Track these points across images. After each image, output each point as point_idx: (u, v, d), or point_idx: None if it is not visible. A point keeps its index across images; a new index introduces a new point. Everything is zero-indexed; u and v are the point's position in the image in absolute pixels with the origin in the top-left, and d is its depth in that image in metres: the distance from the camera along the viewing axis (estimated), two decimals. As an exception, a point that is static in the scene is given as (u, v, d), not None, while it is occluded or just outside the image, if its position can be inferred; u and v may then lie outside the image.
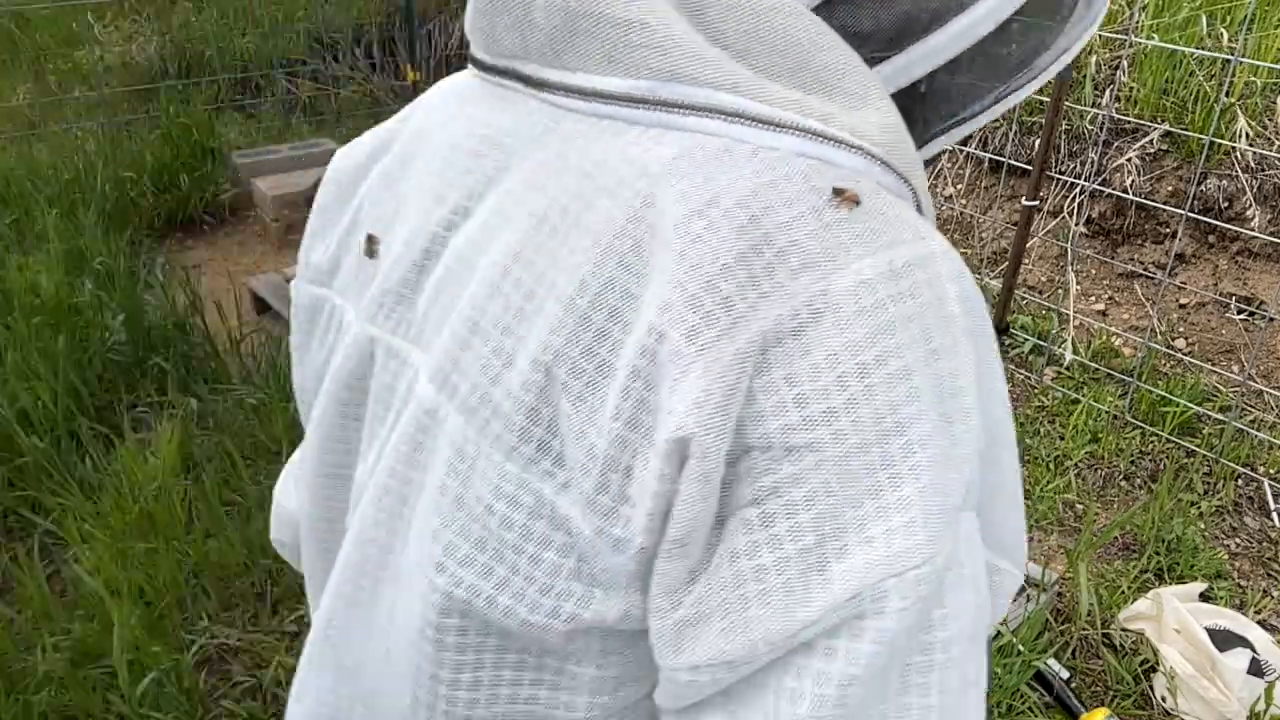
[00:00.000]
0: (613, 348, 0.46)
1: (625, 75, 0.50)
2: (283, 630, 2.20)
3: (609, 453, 0.46)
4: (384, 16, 6.02)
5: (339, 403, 0.63)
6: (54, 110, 5.44)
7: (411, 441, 0.54)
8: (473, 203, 0.55)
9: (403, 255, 0.58)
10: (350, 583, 0.59)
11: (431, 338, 0.54)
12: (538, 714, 0.54)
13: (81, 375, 2.87)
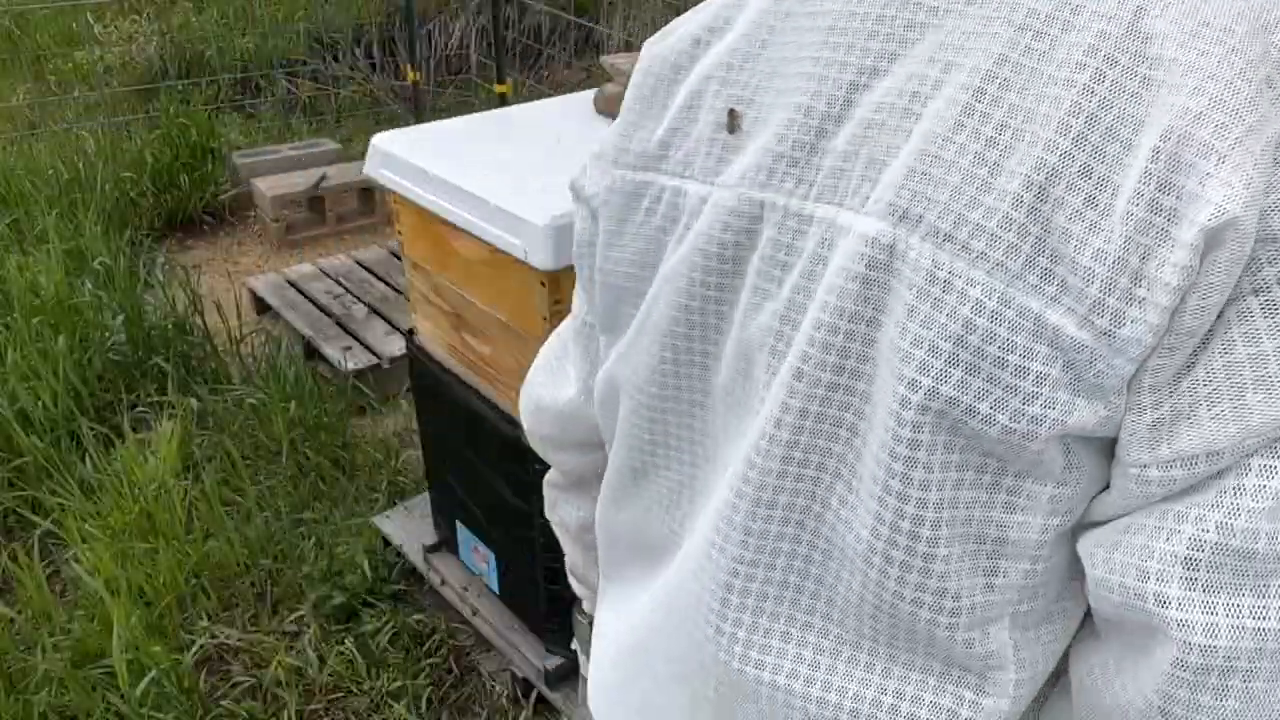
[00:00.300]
0: (1115, 161, 0.50)
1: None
2: (283, 630, 2.20)
3: (1118, 257, 0.49)
4: (384, 16, 6.02)
5: (696, 280, 0.65)
6: (54, 110, 5.44)
7: (860, 280, 0.56)
8: (885, 62, 0.58)
9: (792, 120, 0.60)
10: (794, 426, 0.60)
11: (858, 187, 0.57)
12: (990, 536, 0.56)
13: (81, 375, 2.88)
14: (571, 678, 1.92)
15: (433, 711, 2.02)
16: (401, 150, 1.73)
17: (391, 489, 2.63)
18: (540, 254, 1.45)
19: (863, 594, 0.61)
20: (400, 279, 3.66)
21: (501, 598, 2.06)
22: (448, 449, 2.02)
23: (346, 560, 2.25)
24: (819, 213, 0.59)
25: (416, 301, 1.96)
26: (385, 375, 3.11)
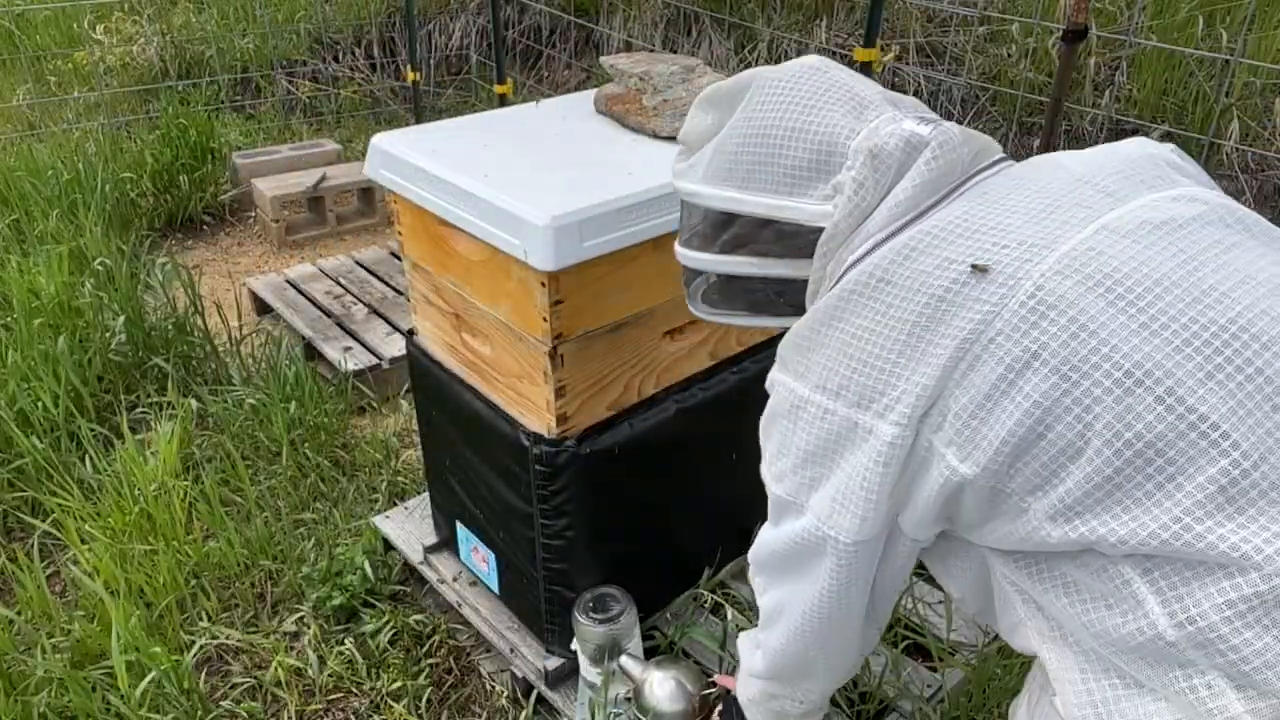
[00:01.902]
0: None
1: None
2: (283, 631, 2.20)
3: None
4: (384, 17, 6.02)
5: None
6: (54, 111, 5.44)
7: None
8: None
9: None
10: None
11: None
12: None
13: (81, 376, 2.87)
14: (571, 678, 1.92)
15: (433, 712, 2.02)
16: (401, 150, 1.73)
17: (391, 489, 2.63)
18: (540, 254, 1.45)
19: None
20: (400, 279, 3.66)
21: (501, 598, 2.06)
22: (448, 449, 2.02)
23: (346, 561, 2.25)
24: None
25: (416, 302, 1.96)
26: (385, 375, 3.11)
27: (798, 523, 1.13)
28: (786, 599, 1.20)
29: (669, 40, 4.98)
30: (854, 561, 1.08)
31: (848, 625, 1.16)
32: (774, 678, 1.31)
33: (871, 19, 2.99)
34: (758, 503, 2.23)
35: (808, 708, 1.33)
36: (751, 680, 1.36)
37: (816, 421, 1.05)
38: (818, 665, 1.24)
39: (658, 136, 1.78)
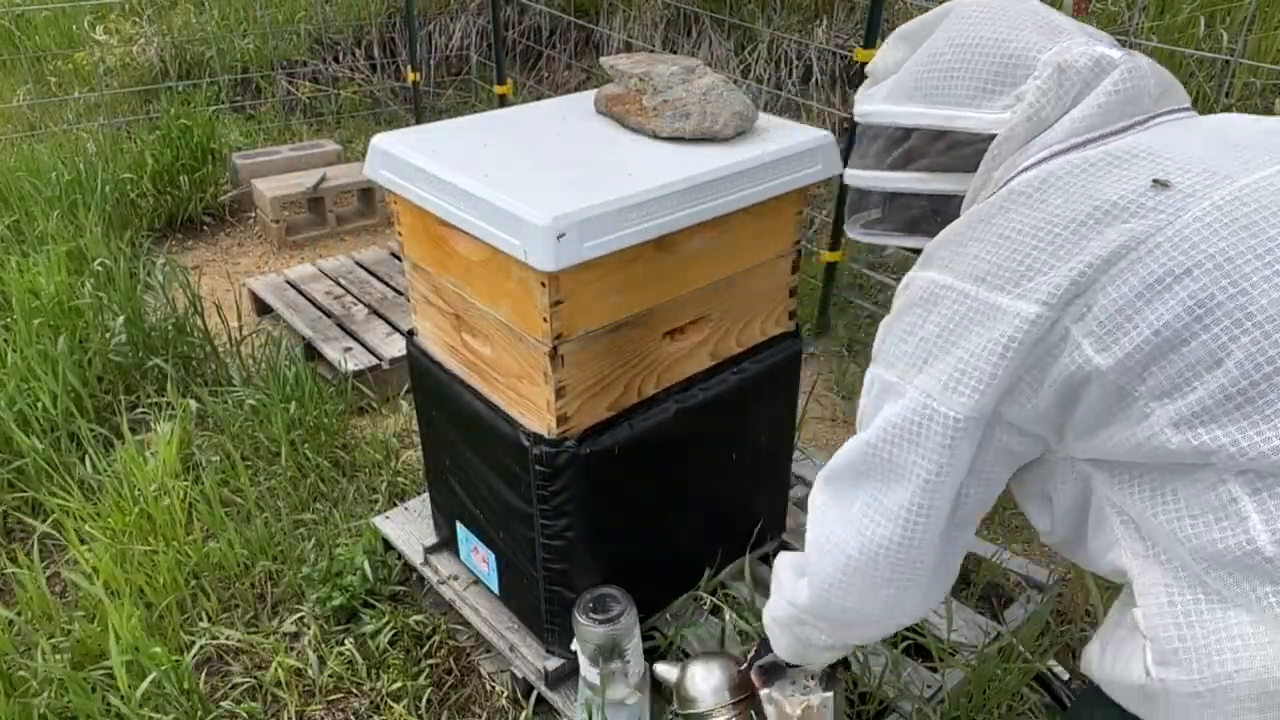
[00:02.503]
0: None
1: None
2: (283, 631, 2.20)
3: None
4: (384, 17, 6.02)
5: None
6: (54, 111, 5.44)
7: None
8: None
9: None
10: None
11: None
12: None
13: (81, 376, 2.87)
14: (571, 678, 1.92)
15: (433, 712, 2.02)
16: (401, 151, 1.73)
17: (391, 489, 2.63)
18: (540, 254, 1.45)
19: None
20: (400, 279, 3.66)
21: (501, 598, 2.06)
22: (448, 449, 2.02)
23: (346, 561, 2.25)
24: None
25: (416, 302, 1.96)
26: (385, 376, 3.11)
27: (899, 404, 1.09)
28: (857, 516, 1.15)
29: (669, 41, 4.98)
30: (953, 446, 1.06)
31: (922, 550, 1.12)
32: (817, 615, 1.27)
33: (871, 19, 2.99)
34: (758, 503, 2.24)
35: (834, 647, 1.31)
36: (784, 604, 1.34)
37: (952, 306, 1.06)
38: (873, 605, 1.18)
39: (658, 137, 1.78)
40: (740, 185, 1.66)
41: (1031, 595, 2.15)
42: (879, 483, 1.13)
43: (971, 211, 1.10)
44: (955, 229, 1.11)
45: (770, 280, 1.91)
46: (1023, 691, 1.86)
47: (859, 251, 3.97)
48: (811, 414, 3.08)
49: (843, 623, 1.25)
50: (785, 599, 1.33)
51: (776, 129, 1.83)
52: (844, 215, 1.31)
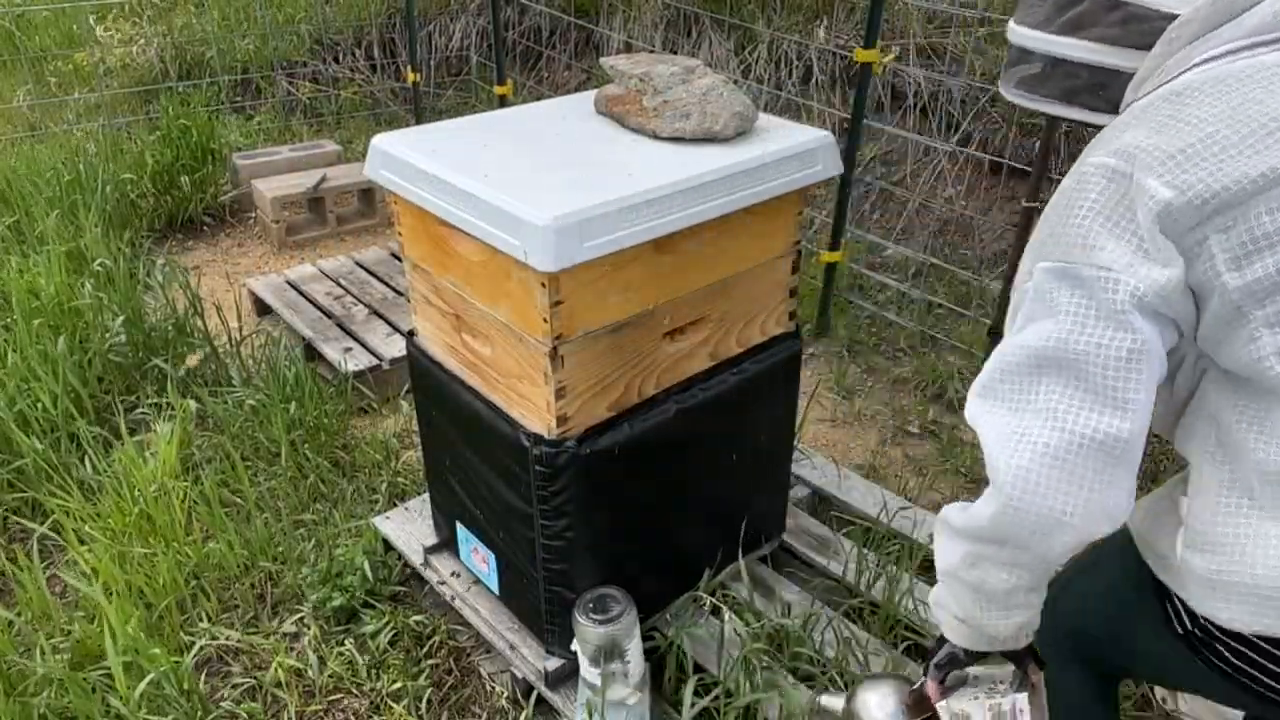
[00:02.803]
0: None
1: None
2: (283, 631, 2.20)
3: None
4: (384, 18, 6.02)
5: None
6: (55, 112, 5.44)
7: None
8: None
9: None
10: None
11: None
12: None
13: (81, 377, 2.87)
14: (571, 678, 1.92)
15: (433, 712, 2.02)
16: (401, 151, 1.73)
17: (391, 490, 2.63)
18: (540, 254, 1.45)
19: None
20: (400, 280, 3.66)
21: (501, 598, 2.06)
22: (448, 450, 2.02)
23: (346, 561, 2.25)
24: None
25: (417, 302, 1.96)
26: (385, 376, 3.11)
27: (1077, 287, 1.04)
28: (1044, 406, 1.05)
29: (669, 41, 4.98)
30: (1140, 319, 1.01)
31: (1120, 434, 1.02)
32: (1002, 532, 1.10)
33: (871, 19, 2.99)
34: (758, 503, 2.24)
35: (1015, 580, 1.15)
36: (954, 544, 1.19)
37: (1116, 186, 1.02)
38: (1070, 502, 1.04)
39: (658, 137, 1.78)
40: (740, 185, 1.66)
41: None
42: (1062, 371, 1.04)
43: (1144, 100, 1.06)
44: (1124, 117, 1.07)
45: (770, 280, 1.91)
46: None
47: (859, 252, 3.98)
48: (811, 414, 3.08)
49: (1032, 534, 1.07)
50: (960, 530, 1.16)
51: (776, 129, 1.83)
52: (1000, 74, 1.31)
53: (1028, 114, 3.75)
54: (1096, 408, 1.02)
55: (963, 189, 3.99)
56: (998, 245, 3.77)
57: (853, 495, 2.43)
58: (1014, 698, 1.27)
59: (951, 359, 3.32)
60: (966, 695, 1.32)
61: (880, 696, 1.47)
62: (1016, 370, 1.07)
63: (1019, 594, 1.17)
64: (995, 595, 1.17)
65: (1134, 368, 1.01)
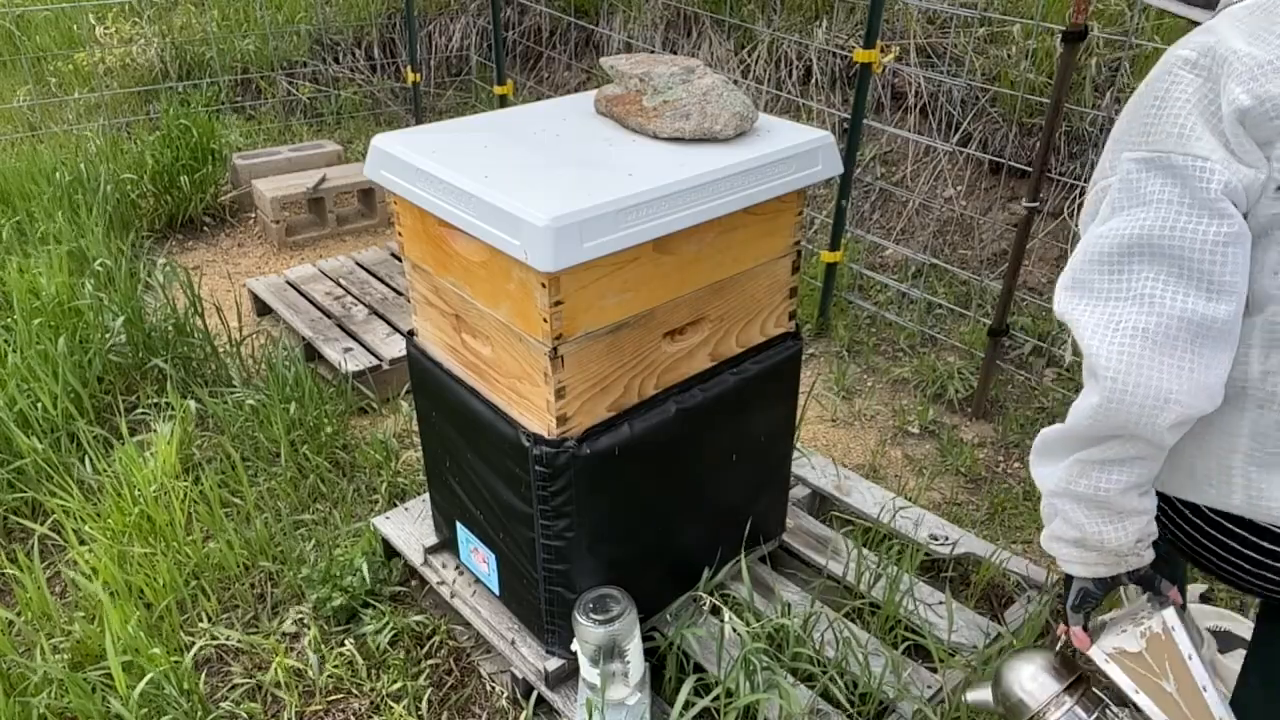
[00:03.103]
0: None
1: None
2: (283, 632, 2.20)
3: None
4: (384, 18, 6.02)
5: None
6: (55, 112, 5.44)
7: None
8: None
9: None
10: None
11: None
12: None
13: (81, 377, 2.87)
14: (571, 678, 1.92)
15: (433, 712, 2.02)
16: (401, 151, 1.73)
17: (391, 490, 2.63)
18: (540, 254, 1.45)
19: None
20: (400, 280, 3.66)
21: (501, 599, 2.06)
22: (448, 450, 2.02)
23: (346, 562, 2.25)
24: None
25: (417, 303, 1.96)
26: (385, 376, 3.11)
27: (1166, 174, 1.09)
28: (1142, 290, 1.09)
29: (669, 41, 4.98)
30: (1230, 203, 1.06)
31: (1219, 312, 1.07)
32: (1110, 417, 1.11)
33: (871, 20, 2.99)
34: (758, 503, 2.24)
35: (1125, 478, 1.16)
36: (1059, 461, 1.21)
37: (1197, 79, 1.09)
38: (1175, 379, 1.08)
39: (658, 137, 1.78)
40: (740, 185, 1.66)
41: (1032, 595, 2.15)
42: (1155, 257, 1.09)
43: (1241, 6, 1.11)
44: (1224, 16, 1.13)
45: (770, 280, 1.91)
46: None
47: (859, 252, 3.98)
48: (811, 414, 3.08)
49: (1139, 418, 1.10)
50: (1063, 439, 1.20)
51: (776, 129, 1.83)
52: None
53: (1028, 114, 3.75)
54: (1192, 292, 1.07)
55: (963, 189, 3.99)
56: (998, 245, 3.77)
57: (853, 495, 2.43)
58: (1160, 616, 1.26)
59: (951, 359, 3.32)
60: (1113, 633, 1.30)
61: (1030, 669, 1.44)
62: (1107, 259, 1.12)
63: (1131, 496, 1.17)
64: (1108, 502, 1.18)
65: (1229, 252, 1.06)
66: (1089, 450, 1.17)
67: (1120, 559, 1.24)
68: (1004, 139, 3.80)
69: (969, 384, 3.15)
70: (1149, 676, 1.26)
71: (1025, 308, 3.48)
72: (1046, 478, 1.24)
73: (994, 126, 3.89)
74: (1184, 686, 1.24)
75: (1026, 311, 3.46)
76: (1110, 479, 1.17)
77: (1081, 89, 3.59)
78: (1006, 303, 2.92)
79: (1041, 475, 1.25)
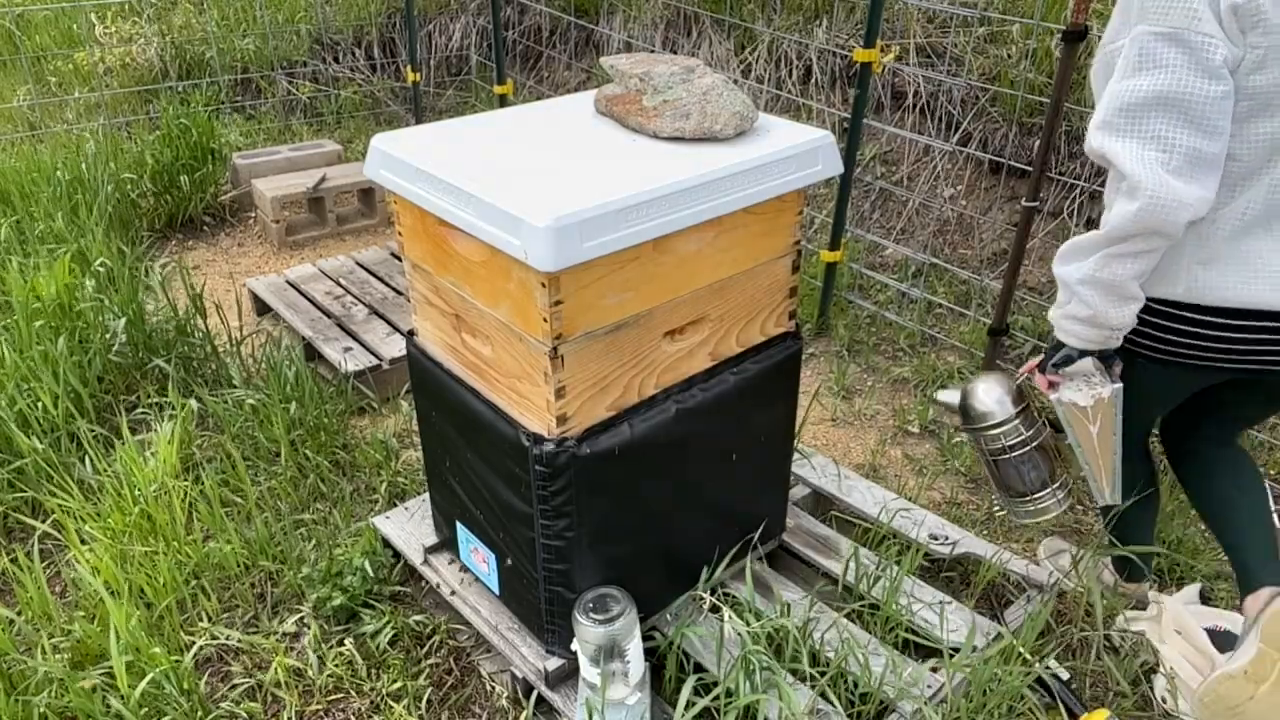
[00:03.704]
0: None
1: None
2: (283, 631, 2.20)
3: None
4: (384, 18, 6.02)
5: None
6: (55, 111, 5.44)
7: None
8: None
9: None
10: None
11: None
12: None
13: (81, 377, 2.87)
14: (571, 678, 1.92)
15: (433, 712, 2.02)
16: (401, 151, 1.73)
17: (391, 490, 2.63)
18: (540, 254, 1.45)
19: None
20: (400, 280, 3.66)
21: (501, 598, 2.06)
22: (448, 450, 2.02)
23: (346, 561, 2.25)
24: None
25: (417, 302, 1.96)
26: (385, 376, 3.11)
27: (1181, 53, 1.50)
28: (1156, 135, 1.52)
29: (669, 41, 4.98)
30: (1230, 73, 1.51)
31: (1222, 134, 1.53)
32: (1148, 218, 1.55)
33: (871, 19, 2.99)
34: (758, 503, 2.24)
35: (1138, 266, 1.62)
36: (1087, 256, 1.65)
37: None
38: (1190, 191, 1.53)
39: (658, 137, 1.78)
40: (740, 185, 1.66)
41: (1032, 596, 2.15)
42: (1170, 108, 1.51)
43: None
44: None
45: (770, 280, 1.91)
46: (1023, 692, 1.86)
47: (859, 251, 3.98)
48: (811, 414, 3.08)
49: (1166, 219, 1.54)
50: (1101, 239, 1.62)
51: (776, 129, 1.83)
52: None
53: (1028, 113, 3.75)
54: (1197, 134, 1.52)
55: (963, 188, 3.99)
56: (998, 245, 3.77)
57: (853, 495, 2.44)
58: (1113, 387, 1.77)
59: (951, 359, 3.32)
60: (1070, 388, 1.79)
61: (987, 385, 1.97)
62: (1133, 109, 1.54)
63: (1134, 284, 1.64)
64: (1121, 286, 1.64)
65: (1223, 106, 1.51)
66: (1117, 246, 1.61)
67: (1109, 337, 1.72)
68: (1004, 139, 3.80)
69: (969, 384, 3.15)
70: (1083, 421, 1.81)
71: (1025, 307, 3.48)
72: (1073, 271, 1.68)
73: (994, 126, 3.88)
74: (1103, 433, 1.82)
75: (1026, 311, 3.46)
76: (1126, 268, 1.62)
77: (1081, 88, 3.59)
78: (1006, 302, 2.92)
79: (1066, 270, 1.70)
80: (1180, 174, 1.52)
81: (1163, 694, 2.01)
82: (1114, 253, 1.62)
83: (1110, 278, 1.63)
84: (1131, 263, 1.62)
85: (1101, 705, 2.02)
